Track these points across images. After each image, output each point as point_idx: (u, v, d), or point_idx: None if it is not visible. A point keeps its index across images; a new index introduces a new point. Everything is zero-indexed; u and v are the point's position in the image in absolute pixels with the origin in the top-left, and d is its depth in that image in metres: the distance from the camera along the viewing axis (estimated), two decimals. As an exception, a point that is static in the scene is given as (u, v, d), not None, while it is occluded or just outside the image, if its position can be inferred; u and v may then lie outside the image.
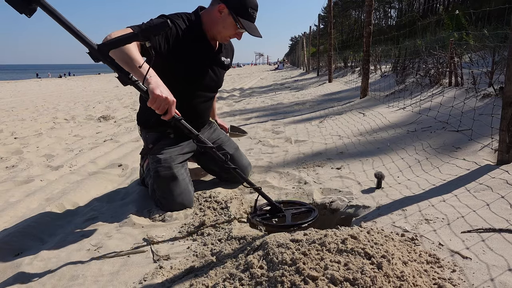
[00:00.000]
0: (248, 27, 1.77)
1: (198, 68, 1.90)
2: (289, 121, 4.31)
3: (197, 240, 1.49)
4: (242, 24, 1.75)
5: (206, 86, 1.98)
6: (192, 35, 1.82)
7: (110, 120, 5.30)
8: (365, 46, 4.98)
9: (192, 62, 1.86)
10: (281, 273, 0.99)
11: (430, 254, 1.12)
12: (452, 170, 1.88)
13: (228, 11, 1.75)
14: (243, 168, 2.11)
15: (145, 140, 2.01)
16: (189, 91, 1.91)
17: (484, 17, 5.56)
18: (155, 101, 1.35)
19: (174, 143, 1.94)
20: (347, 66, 10.76)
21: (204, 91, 1.99)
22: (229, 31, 1.82)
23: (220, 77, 2.06)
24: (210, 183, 2.21)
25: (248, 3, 1.75)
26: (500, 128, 1.75)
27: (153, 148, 1.92)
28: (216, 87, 2.08)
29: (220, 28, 1.82)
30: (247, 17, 1.77)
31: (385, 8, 35.87)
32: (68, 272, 1.32)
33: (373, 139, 2.86)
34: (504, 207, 1.37)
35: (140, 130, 2.03)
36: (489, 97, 2.83)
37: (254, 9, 1.79)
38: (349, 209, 1.65)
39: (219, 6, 1.77)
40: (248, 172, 2.18)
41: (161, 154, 1.87)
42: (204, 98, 2.01)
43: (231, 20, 1.77)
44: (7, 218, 1.88)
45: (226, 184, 2.17)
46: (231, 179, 2.15)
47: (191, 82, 1.90)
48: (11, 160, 3.15)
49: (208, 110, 2.09)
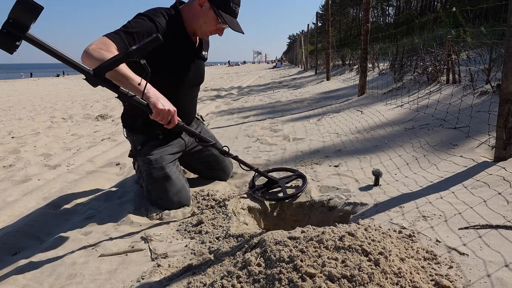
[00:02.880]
0: (230, 22, 1.71)
1: (182, 64, 1.86)
2: (287, 119, 4.31)
3: (195, 238, 1.49)
4: (224, 19, 1.68)
5: (193, 81, 1.96)
6: (173, 31, 1.75)
7: (108, 119, 5.29)
8: (363, 44, 4.98)
9: (177, 58, 1.82)
10: (279, 270, 0.99)
11: (427, 250, 1.13)
12: (449, 167, 1.88)
13: (210, 5, 1.69)
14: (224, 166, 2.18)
15: (132, 142, 1.96)
16: (177, 89, 1.87)
17: (481, 15, 5.57)
18: (158, 114, 1.38)
19: (163, 143, 1.91)
20: (345, 64, 10.75)
21: (191, 87, 1.97)
22: (210, 26, 1.76)
23: (203, 71, 2.05)
24: (208, 181, 2.20)
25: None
26: (497, 125, 1.75)
27: (141, 149, 1.89)
28: (200, 81, 2.06)
29: (200, 22, 1.76)
30: (229, 11, 1.72)
31: (382, 6, 35.85)
32: (66, 271, 1.31)
33: (371, 137, 2.86)
34: (501, 203, 1.37)
35: (126, 132, 1.98)
36: (486, 94, 2.83)
37: (237, 4, 1.73)
38: (347, 206, 1.65)
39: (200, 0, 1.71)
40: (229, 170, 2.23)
41: (151, 155, 1.84)
42: (191, 95, 2.00)
43: (212, 15, 1.71)
44: (4, 218, 1.88)
45: (224, 182, 2.18)
46: (216, 177, 2.20)
47: (178, 79, 1.87)
48: (9, 159, 3.14)
49: (194, 107, 2.10)
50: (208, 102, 6.59)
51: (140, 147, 1.89)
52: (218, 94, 8.32)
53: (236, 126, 4.18)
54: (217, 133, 3.80)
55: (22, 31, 1.03)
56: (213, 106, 6.23)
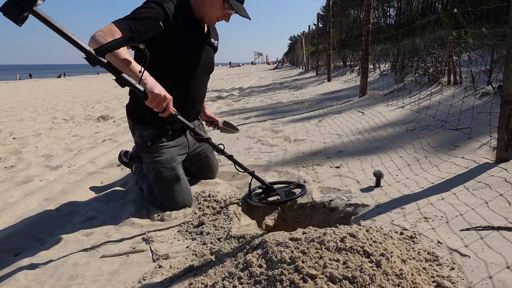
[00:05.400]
0: (237, 7, 1.71)
1: (194, 48, 1.86)
2: (288, 120, 4.31)
3: (196, 239, 1.49)
4: (231, 4, 1.69)
5: (204, 68, 1.94)
6: (182, 16, 1.76)
7: (109, 120, 5.30)
8: (364, 45, 4.98)
9: (188, 41, 1.81)
10: (280, 271, 0.99)
11: (429, 252, 1.12)
12: (451, 168, 1.88)
13: None
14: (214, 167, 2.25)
15: (141, 137, 1.87)
16: (189, 74, 1.87)
17: (482, 16, 5.57)
18: (154, 99, 1.38)
19: (172, 142, 1.89)
20: (346, 65, 10.75)
21: (202, 73, 1.95)
22: (217, 12, 1.76)
23: (213, 58, 2.04)
24: (209, 182, 2.21)
25: None
26: (499, 126, 1.75)
27: (151, 146, 1.84)
28: (211, 69, 2.05)
29: (208, 8, 1.76)
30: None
31: (384, 7, 35.87)
32: (67, 272, 1.32)
33: (372, 138, 2.86)
34: (503, 205, 1.37)
35: (133, 125, 1.91)
36: (488, 95, 2.83)
37: None
38: (348, 207, 1.65)
39: None
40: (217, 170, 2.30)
41: (162, 154, 1.83)
42: (202, 83, 1.99)
43: (218, 0, 1.72)
44: (6, 218, 1.88)
45: (225, 184, 2.18)
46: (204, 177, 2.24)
47: (190, 62, 1.86)
48: (10, 160, 3.14)
49: (203, 98, 2.08)
50: (209, 103, 6.60)
51: (151, 144, 1.83)
52: (219, 95, 8.32)
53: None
54: (218, 134, 3.80)
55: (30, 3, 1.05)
56: (215, 107, 6.23)
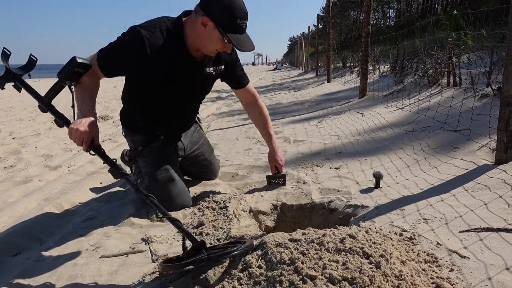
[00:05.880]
0: (238, 42, 1.51)
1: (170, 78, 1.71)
2: (287, 121, 4.31)
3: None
4: (231, 40, 1.50)
5: (185, 95, 1.82)
6: (169, 49, 1.61)
7: (109, 120, 5.29)
8: (363, 46, 4.99)
9: (161, 74, 1.67)
10: (280, 272, 0.99)
11: (428, 253, 1.13)
12: (450, 169, 1.88)
13: (214, 25, 1.50)
14: (214, 169, 2.27)
15: (132, 142, 1.90)
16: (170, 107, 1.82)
17: (482, 17, 5.58)
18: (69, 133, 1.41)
19: (164, 145, 1.89)
20: (346, 66, 10.76)
21: (183, 100, 1.85)
22: (216, 45, 1.58)
23: (206, 87, 1.91)
24: (208, 183, 2.21)
25: (236, 14, 1.48)
26: (498, 128, 1.75)
27: (143, 150, 1.85)
28: (195, 97, 1.93)
29: (206, 42, 1.59)
30: (236, 30, 1.51)
31: (383, 9, 35.93)
32: (67, 272, 1.31)
33: (372, 139, 2.86)
34: (502, 206, 1.37)
35: (125, 131, 1.94)
36: (487, 97, 2.83)
37: (243, 18, 1.51)
38: (348, 208, 1.65)
39: (203, 18, 1.51)
40: (217, 171, 2.32)
41: (153, 157, 1.83)
42: (188, 109, 1.94)
43: (217, 35, 1.52)
44: (5, 218, 1.88)
45: (225, 184, 2.18)
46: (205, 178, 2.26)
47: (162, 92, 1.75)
48: (9, 160, 3.14)
49: (194, 115, 2.07)
50: (209, 104, 6.60)
51: (142, 148, 1.86)
52: (219, 95, 8.33)
53: (237, 127, 4.18)
54: (218, 134, 3.81)
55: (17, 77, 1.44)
56: (214, 107, 6.23)
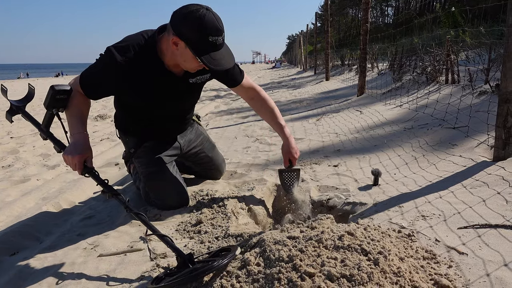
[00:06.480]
0: (210, 61, 1.39)
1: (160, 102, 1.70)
2: (286, 119, 4.29)
3: (194, 238, 1.49)
4: (204, 61, 1.39)
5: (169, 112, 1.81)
6: (145, 69, 1.54)
7: (107, 119, 5.28)
8: (362, 44, 4.98)
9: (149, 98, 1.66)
10: (278, 270, 0.99)
11: (427, 250, 1.13)
12: (449, 166, 1.88)
13: (185, 44, 1.40)
14: (218, 165, 2.20)
15: (125, 144, 1.93)
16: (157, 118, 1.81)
17: (480, 15, 5.57)
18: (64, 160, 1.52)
19: (158, 145, 1.87)
20: (344, 64, 10.76)
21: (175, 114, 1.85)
22: (191, 64, 1.48)
23: (193, 95, 1.85)
24: (207, 181, 2.20)
25: (207, 32, 1.35)
26: (496, 125, 1.75)
27: (135, 152, 1.85)
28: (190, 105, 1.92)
29: (180, 60, 1.49)
30: (210, 49, 1.39)
31: (382, 6, 35.90)
32: (65, 271, 1.31)
33: (370, 137, 2.86)
34: (500, 203, 1.37)
35: (119, 133, 1.95)
36: (485, 94, 2.83)
37: (217, 35, 1.38)
38: (346, 206, 1.65)
39: (173, 38, 1.40)
40: (222, 168, 2.26)
41: (147, 156, 1.82)
42: (178, 118, 1.91)
43: (190, 54, 1.41)
44: (3, 218, 1.87)
45: (223, 182, 2.17)
46: (211, 177, 2.23)
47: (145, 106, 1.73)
48: (7, 160, 3.13)
49: (188, 120, 2.00)
50: (207, 102, 6.59)
51: (134, 150, 1.85)
52: (217, 94, 8.32)
53: (235, 126, 4.18)
54: (216, 133, 3.80)
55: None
56: (212, 106, 6.23)
